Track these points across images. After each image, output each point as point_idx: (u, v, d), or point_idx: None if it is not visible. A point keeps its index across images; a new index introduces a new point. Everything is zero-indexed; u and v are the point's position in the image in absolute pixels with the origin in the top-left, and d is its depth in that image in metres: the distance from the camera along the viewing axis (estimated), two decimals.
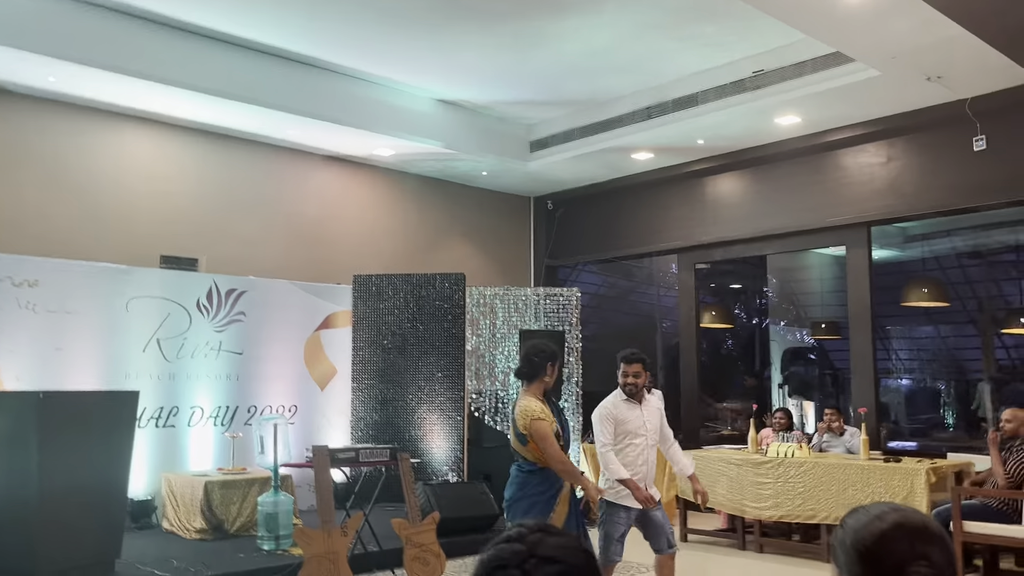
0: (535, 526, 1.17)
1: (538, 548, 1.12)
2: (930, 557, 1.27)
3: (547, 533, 1.16)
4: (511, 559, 1.12)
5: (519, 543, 1.13)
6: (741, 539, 7.32)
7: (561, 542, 1.15)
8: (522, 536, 1.15)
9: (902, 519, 1.32)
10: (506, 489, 4.44)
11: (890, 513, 1.34)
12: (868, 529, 1.32)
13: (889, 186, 8.09)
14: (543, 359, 4.41)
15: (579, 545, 1.17)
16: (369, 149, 9.41)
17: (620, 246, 10.60)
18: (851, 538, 1.33)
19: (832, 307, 11.76)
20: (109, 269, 7.42)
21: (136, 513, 7.21)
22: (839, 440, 7.61)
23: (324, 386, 8.69)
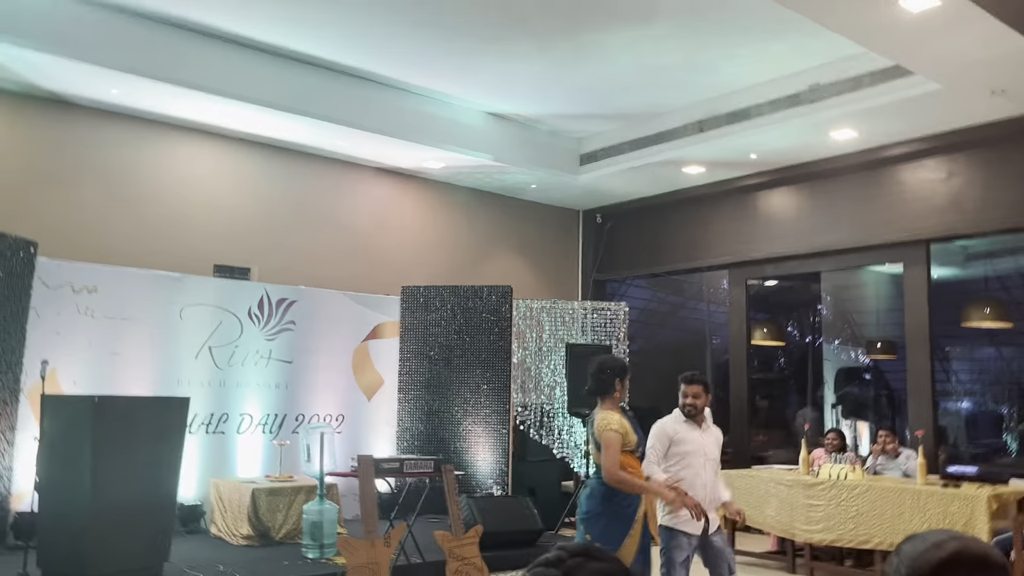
0: (575, 549, 1.13)
1: (576, 573, 1.08)
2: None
3: (588, 557, 1.11)
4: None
5: (556, 568, 1.10)
6: (791, 562, 7.14)
7: (601, 567, 1.10)
8: (561, 560, 1.11)
9: (961, 548, 1.26)
10: (583, 501, 4.37)
11: (949, 541, 1.27)
12: (925, 558, 1.26)
13: (950, 202, 7.86)
14: (611, 375, 4.38)
15: (621, 570, 1.12)
16: (419, 161, 9.48)
17: (670, 261, 10.49)
18: (907, 567, 1.27)
19: (888, 326, 11.46)
20: (164, 277, 7.58)
21: (185, 517, 7.32)
22: (894, 463, 7.38)
23: (371, 396, 8.75)
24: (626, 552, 4.17)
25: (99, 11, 6.87)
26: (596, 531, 4.23)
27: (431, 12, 6.78)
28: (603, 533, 4.22)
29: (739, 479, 7.37)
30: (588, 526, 4.28)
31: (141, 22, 7.07)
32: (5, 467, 6.43)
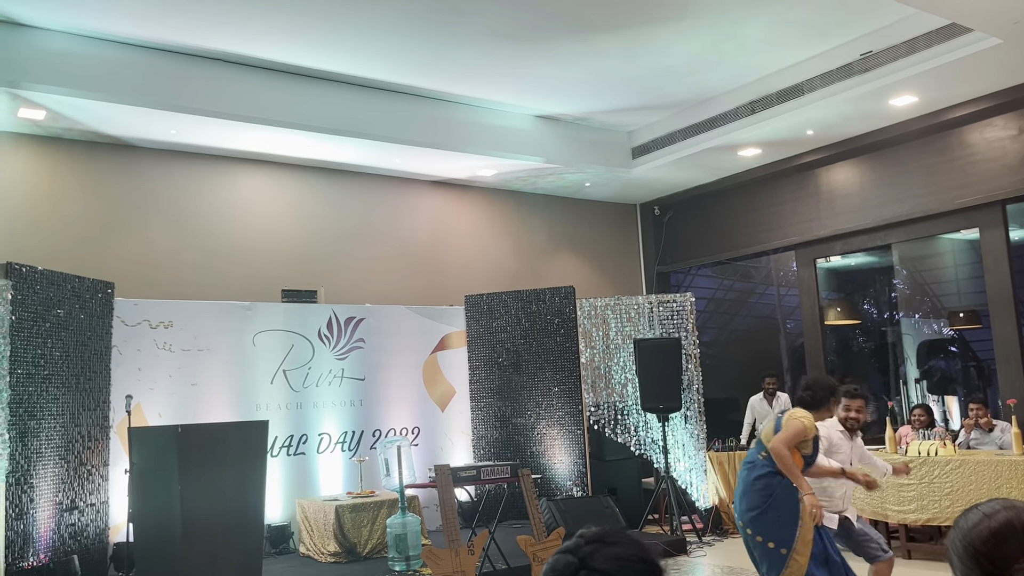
0: (593, 536, 1.12)
1: (591, 560, 1.08)
2: None
3: (604, 543, 1.11)
4: (564, 571, 1.08)
5: (573, 555, 1.09)
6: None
7: (616, 552, 1.09)
8: (577, 547, 1.11)
9: (1013, 517, 1.23)
10: (740, 499, 4.21)
11: (1001, 511, 1.25)
12: (977, 529, 1.24)
13: (1023, 160, 7.53)
14: (827, 393, 4.34)
15: (639, 556, 1.10)
16: (472, 171, 9.54)
17: (733, 247, 10.31)
18: (961, 539, 1.26)
19: (970, 294, 11.03)
20: (235, 306, 7.79)
21: (274, 539, 7.50)
22: (989, 437, 7.09)
23: (444, 406, 8.82)
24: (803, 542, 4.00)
25: (149, 55, 7.13)
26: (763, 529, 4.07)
27: (472, 21, 6.83)
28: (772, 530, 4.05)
29: None
30: (754, 527, 4.11)
31: (191, 61, 7.31)
32: (101, 501, 6.70)
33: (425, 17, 6.74)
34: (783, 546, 4.01)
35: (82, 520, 6.46)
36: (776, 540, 4.02)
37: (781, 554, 4.00)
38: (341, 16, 6.69)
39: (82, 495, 6.49)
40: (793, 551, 3.99)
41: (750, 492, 4.16)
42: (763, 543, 4.06)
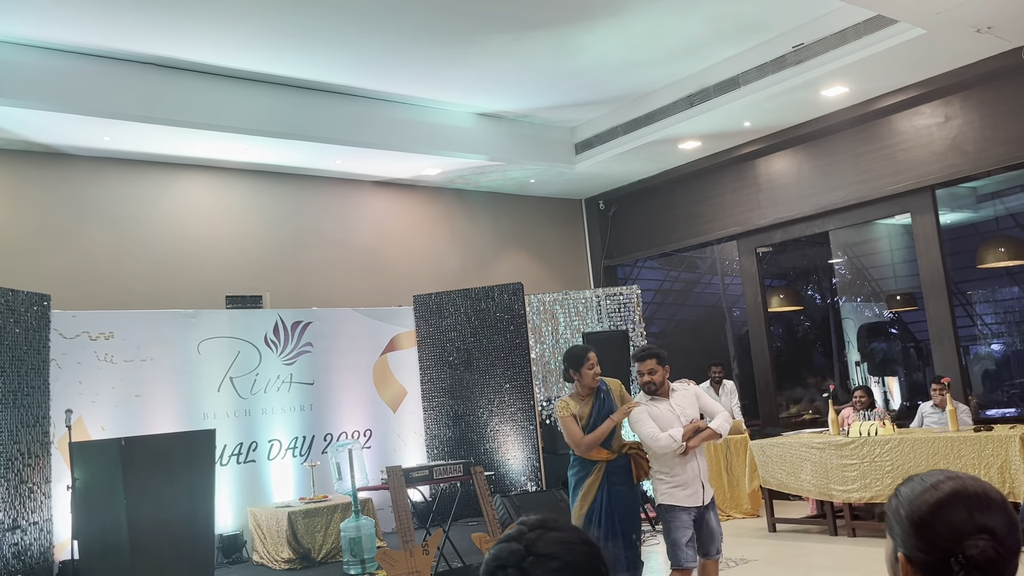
0: (535, 523, 1.15)
1: (536, 545, 1.10)
2: (990, 528, 1.20)
3: (547, 529, 1.13)
4: (509, 559, 1.10)
5: (517, 542, 1.12)
6: (832, 525, 7.10)
7: (560, 537, 1.12)
8: (521, 534, 1.13)
9: (959, 487, 1.25)
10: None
11: (946, 481, 1.27)
12: (922, 498, 1.25)
13: (950, 146, 7.78)
14: (566, 364, 4.80)
15: (581, 539, 1.13)
16: (416, 170, 9.52)
17: (677, 238, 10.46)
18: (906, 508, 1.26)
19: (906, 277, 11.37)
20: (178, 315, 7.66)
21: (227, 548, 7.40)
22: (943, 415, 7.30)
23: (396, 408, 8.79)
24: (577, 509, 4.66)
25: (78, 60, 6.97)
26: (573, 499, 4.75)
27: (408, 19, 6.81)
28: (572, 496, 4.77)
29: (771, 448, 7.34)
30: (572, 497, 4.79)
31: (122, 66, 7.16)
32: (44, 519, 6.53)
33: (361, 16, 6.70)
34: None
35: (25, 539, 6.29)
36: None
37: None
38: (277, 17, 6.62)
39: (24, 514, 6.32)
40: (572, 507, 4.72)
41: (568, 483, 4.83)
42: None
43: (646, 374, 4.61)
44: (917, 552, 1.23)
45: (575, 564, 1.10)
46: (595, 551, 1.14)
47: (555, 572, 1.08)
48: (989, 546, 1.17)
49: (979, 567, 1.16)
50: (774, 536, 7.27)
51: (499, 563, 1.11)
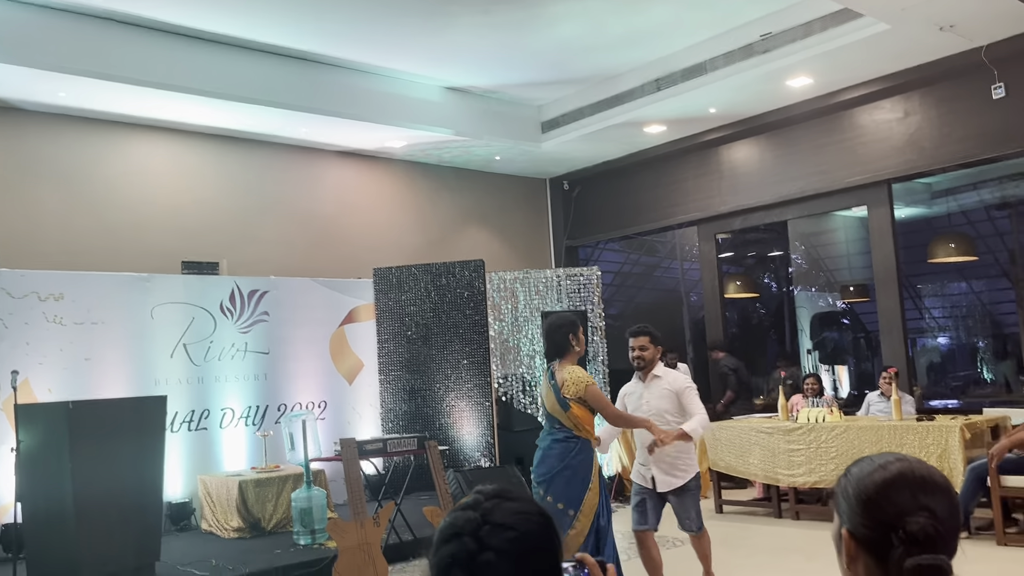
0: (492, 492, 1.16)
1: (492, 515, 1.11)
2: (932, 508, 1.24)
3: (503, 499, 1.14)
4: (465, 527, 1.10)
5: (473, 511, 1.12)
6: (777, 507, 7.26)
7: (516, 507, 1.13)
8: (478, 504, 1.14)
9: (906, 469, 1.30)
10: (539, 464, 4.32)
11: (894, 463, 1.31)
12: (872, 478, 1.29)
13: (908, 141, 7.93)
14: (564, 332, 4.37)
15: (536, 511, 1.15)
16: (380, 142, 9.42)
17: (638, 222, 10.53)
18: (854, 486, 1.31)
19: (860, 269, 11.60)
20: (131, 278, 7.51)
21: (175, 516, 7.33)
22: (888, 404, 7.48)
23: (352, 380, 8.76)
24: (588, 506, 4.18)
25: (38, 13, 6.75)
26: (557, 491, 4.19)
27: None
28: (564, 492, 4.19)
29: (721, 431, 7.47)
30: (547, 487, 4.24)
31: (80, 20, 6.95)
32: None
33: None
34: (571, 507, 4.15)
35: None
36: (565, 501, 4.15)
37: (568, 515, 4.13)
38: None
39: None
40: (580, 512, 4.15)
41: (548, 457, 4.29)
42: (553, 504, 4.18)
43: (637, 349, 4.67)
44: (861, 528, 1.27)
45: (531, 534, 1.11)
46: (549, 522, 1.16)
47: (511, 542, 1.09)
48: (929, 523, 1.21)
49: (918, 542, 1.20)
50: (721, 517, 7.41)
51: (455, 531, 1.11)
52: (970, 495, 5.95)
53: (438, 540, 1.13)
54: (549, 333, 4.43)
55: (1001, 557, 5.47)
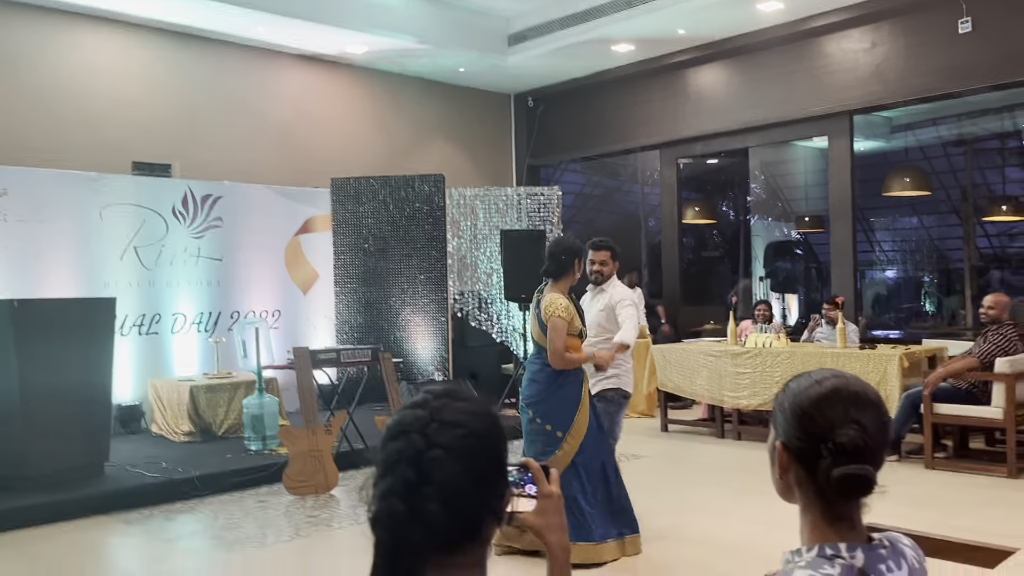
0: (442, 392, 1.16)
1: (441, 413, 1.11)
2: (862, 422, 1.28)
3: (453, 398, 1.14)
4: (413, 424, 1.11)
5: (422, 409, 1.12)
6: (720, 428, 7.50)
7: (465, 407, 1.14)
8: (426, 402, 1.14)
9: (840, 385, 1.33)
10: (527, 387, 4.30)
11: (829, 379, 1.34)
12: (807, 393, 1.33)
13: (872, 73, 7.93)
14: (570, 256, 4.29)
15: (485, 410, 1.15)
16: (340, 47, 9.13)
17: (602, 143, 10.46)
18: (790, 400, 1.34)
19: (817, 200, 11.74)
20: (80, 177, 7.29)
21: (125, 418, 7.32)
22: (833, 332, 7.66)
23: (307, 290, 8.71)
24: (578, 428, 4.18)
25: None
26: (544, 413, 4.20)
27: None
28: (552, 415, 4.19)
29: (671, 353, 7.62)
30: (536, 410, 4.24)
31: None
32: None
33: None
34: (560, 429, 4.17)
35: None
36: (554, 423, 4.18)
37: (557, 436, 4.17)
38: None
39: None
40: (568, 434, 4.17)
41: (536, 381, 4.27)
42: (541, 425, 4.22)
43: (597, 264, 4.66)
44: (795, 440, 1.31)
45: (478, 433, 1.12)
46: (498, 422, 1.17)
47: (459, 439, 1.09)
48: (858, 435, 1.25)
49: (846, 453, 1.24)
50: (666, 436, 7.64)
51: (402, 428, 1.11)
52: (903, 420, 6.19)
53: (386, 437, 1.13)
54: (555, 251, 4.33)
55: (928, 479, 5.74)
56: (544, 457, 4.10)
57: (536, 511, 1.30)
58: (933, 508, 5.00)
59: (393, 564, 1.07)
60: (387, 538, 1.07)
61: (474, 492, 1.09)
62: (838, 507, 1.28)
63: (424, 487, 1.06)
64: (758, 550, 4.29)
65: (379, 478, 1.10)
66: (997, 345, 5.95)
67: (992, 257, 11.58)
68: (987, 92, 7.56)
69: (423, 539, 1.06)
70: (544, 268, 4.35)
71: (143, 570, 4.23)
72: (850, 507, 1.29)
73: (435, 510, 1.05)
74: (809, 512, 1.31)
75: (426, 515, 1.05)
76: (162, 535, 4.82)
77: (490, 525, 1.14)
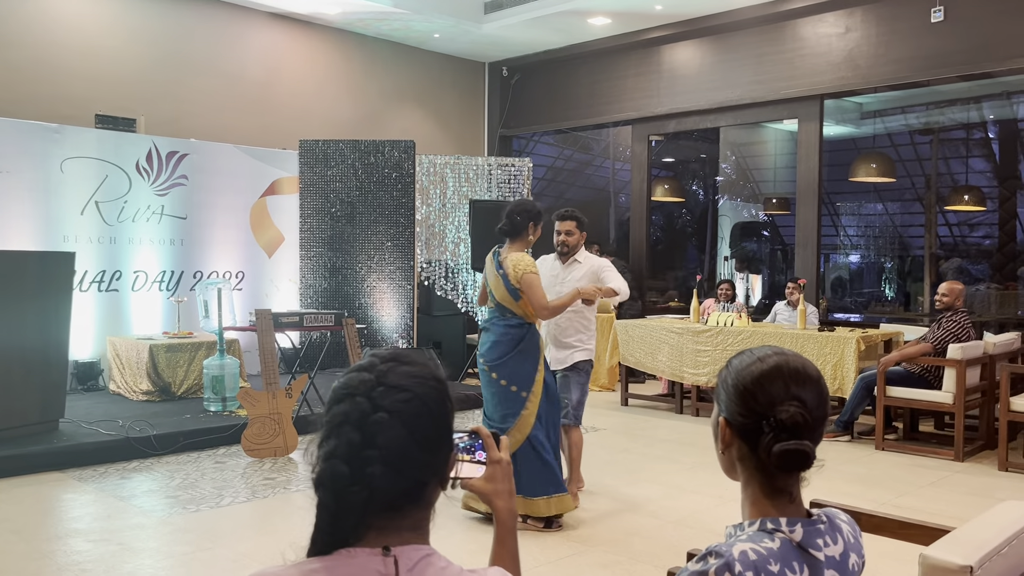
0: (388, 355, 1.16)
1: (387, 377, 1.12)
2: (802, 398, 1.31)
3: (399, 362, 1.15)
4: (359, 387, 1.11)
5: (368, 372, 1.13)
6: (679, 404, 7.60)
7: (412, 371, 1.14)
8: (373, 365, 1.14)
9: (781, 362, 1.35)
10: (490, 349, 4.28)
11: (771, 356, 1.37)
12: (749, 370, 1.35)
13: (845, 58, 7.98)
14: (526, 218, 4.29)
15: (431, 375, 1.16)
16: (314, 6, 8.98)
17: (575, 116, 10.43)
18: (733, 377, 1.36)
19: (785, 183, 11.84)
20: (40, 127, 7.12)
21: (82, 375, 7.24)
22: (794, 314, 7.78)
23: (272, 253, 8.63)
24: (538, 387, 4.20)
25: None
26: (508, 374, 4.20)
27: None
28: (516, 375, 4.20)
29: (634, 328, 7.69)
30: (500, 372, 4.22)
31: None
32: None
33: None
34: (524, 389, 4.20)
35: None
36: (518, 383, 4.20)
37: (521, 396, 4.20)
38: None
39: None
40: (531, 393, 4.19)
41: (501, 343, 4.27)
42: (507, 387, 4.22)
43: (563, 234, 4.69)
44: (737, 416, 1.33)
45: (424, 397, 1.12)
46: (444, 388, 1.17)
47: (404, 403, 1.10)
48: (798, 412, 1.28)
49: (787, 429, 1.27)
50: (626, 410, 7.73)
51: (348, 391, 1.12)
52: (857, 402, 6.33)
53: (331, 399, 1.14)
54: (512, 211, 4.33)
55: (878, 460, 5.88)
56: (513, 419, 4.16)
57: (485, 476, 1.32)
58: (880, 488, 5.13)
59: (334, 524, 1.08)
60: (329, 499, 1.08)
61: (418, 455, 1.10)
62: (778, 481, 1.32)
63: (367, 449, 1.07)
64: (708, 524, 4.38)
65: (324, 440, 1.11)
66: (950, 332, 6.09)
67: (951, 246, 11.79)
68: (957, 82, 7.65)
69: (365, 501, 1.06)
70: (499, 227, 4.36)
71: (96, 526, 4.20)
72: (789, 481, 1.32)
73: (377, 472, 1.06)
74: (750, 486, 1.34)
75: (368, 477, 1.06)
76: (116, 492, 4.79)
77: (434, 489, 1.15)
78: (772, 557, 1.23)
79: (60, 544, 3.97)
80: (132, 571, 3.66)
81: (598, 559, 3.88)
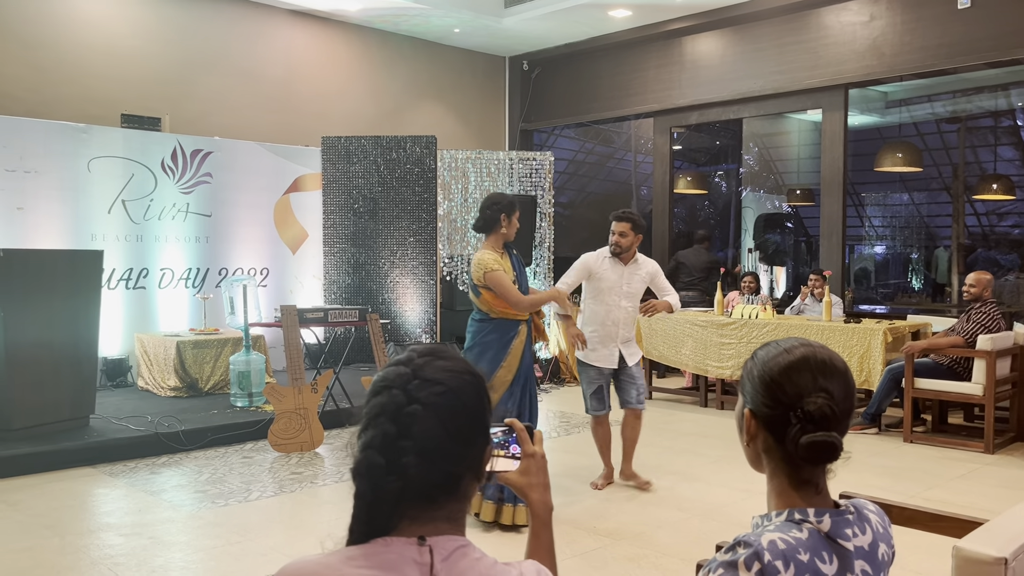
0: (426, 350, 1.19)
1: (423, 370, 1.15)
2: (829, 390, 1.30)
3: (436, 357, 1.17)
4: (395, 380, 1.14)
5: (405, 366, 1.16)
6: (703, 397, 7.57)
7: (447, 365, 1.17)
8: (410, 360, 1.17)
9: (808, 353, 1.35)
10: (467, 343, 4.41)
11: (798, 347, 1.36)
12: (776, 361, 1.34)
13: (869, 46, 7.89)
14: (496, 211, 4.28)
15: (466, 369, 1.18)
16: (334, 3, 9.01)
17: (596, 109, 10.40)
18: (759, 369, 1.36)
19: (809, 174, 11.74)
20: (68, 127, 7.21)
21: (111, 372, 7.34)
22: (819, 306, 7.71)
23: (296, 249, 8.69)
24: (498, 382, 4.20)
25: None
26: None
27: None
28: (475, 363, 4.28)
29: (657, 322, 7.66)
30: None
31: None
32: None
33: None
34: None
35: None
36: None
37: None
38: None
39: None
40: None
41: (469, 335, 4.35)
42: None
43: (618, 235, 4.79)
44: (763, 408, 1.33)
45: (459, 391, 1.14)
46: (480, 382, 1.19)
47: (438, 396, 1.12)
48: (825, 404, 1.28)
49: (814, 421, 1.27)
50: (650, 403, 7.70)
51: (386, 384, 1.15)
52: (884, 394, 6.27)
53: (370, 392, 1.17)
54: (484, 206, 4.36)
55: (906, 452, 5.83)
56: None
57: (520, 470, 1.33)
58: (909, 480, 5.09)
59: (370, 514, 1.11)
60: (366, 488, 1.11)
61: (451, 447, 1.12)
62: (804, 473, 1.31)
63: (402, 440, 1.09)
64: (735, 517, 4.37)
65: (362, 431, 1.14)
66: (980, 323, 6.01)
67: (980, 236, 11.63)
68: (984, 70, 7.53)
69: (399, 490, 1.09)
70: (473, 223, 4.43)
71: (127, 521, 4.27)
72: (816, 472, 1.32)
73: (412, 462, 1.09)
74: (776, 478, 1.34)
75: (402, 467, 1.09)
76: (147, 487, 4.86)
77: (469, 482, 1.17)
78: (801, 547, 1.23)
79: (93, 538, 4.04)
80: (163, 564, 3.72)
81: (625, 552, 3.88)
